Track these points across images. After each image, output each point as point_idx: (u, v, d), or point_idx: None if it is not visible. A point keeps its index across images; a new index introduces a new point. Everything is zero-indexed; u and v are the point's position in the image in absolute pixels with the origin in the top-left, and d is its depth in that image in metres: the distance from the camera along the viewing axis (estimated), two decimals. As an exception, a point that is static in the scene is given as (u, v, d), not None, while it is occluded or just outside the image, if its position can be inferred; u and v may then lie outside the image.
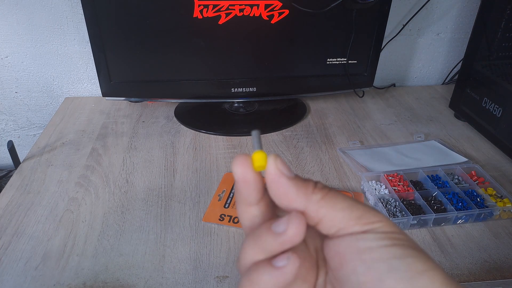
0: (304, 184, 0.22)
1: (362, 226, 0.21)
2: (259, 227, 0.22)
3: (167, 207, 0.61)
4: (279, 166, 0.21)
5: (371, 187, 0.64)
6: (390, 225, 0.21)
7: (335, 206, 0.21)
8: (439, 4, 0.96)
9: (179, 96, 0.83)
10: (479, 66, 0.82)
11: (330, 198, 0.21)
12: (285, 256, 0.20)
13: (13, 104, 0.96)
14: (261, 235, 0.21)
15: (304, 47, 0.78)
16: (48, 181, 0.66)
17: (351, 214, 0.21)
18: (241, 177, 0.21)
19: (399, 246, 0.20)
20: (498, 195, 0.63)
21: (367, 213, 0.21)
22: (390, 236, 0.20)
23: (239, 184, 0.21)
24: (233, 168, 0.21)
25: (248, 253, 0.21)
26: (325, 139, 0.80)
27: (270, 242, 0.21)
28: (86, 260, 0.52)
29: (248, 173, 0.21)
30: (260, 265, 0.21)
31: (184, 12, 0.70)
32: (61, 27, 0.88)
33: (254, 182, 0.21)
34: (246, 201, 0.22)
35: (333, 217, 0.21)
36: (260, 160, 0.21)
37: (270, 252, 0.21)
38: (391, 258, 0.20)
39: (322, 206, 0.21)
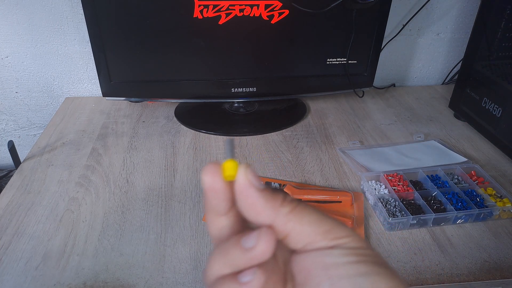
0: (273, 196, 0.21)
1: (329, 241, 0.20)
2: (228, 241, 0.21)
3: (167, 207, 0.61)
4: (249, 176, 0.21)
5: (371, 187, 0.64)
6: (357, 241, 0.21)
7: (303, 219, 0.21)
8: (439, 4, 0.96)
9: (179, 96, 0.83)
10: (479, 66, 0.82)
11: (299, 211, 0.21)
12: (251, 271, 0.20)
13: (14, 104, 0.96)
14: (229, 249, 0.21)
15: (304, 47, 0.78)
16: (49, 181, 0.66)
17: (319, 229, 0.21)
18: (210, 186, 0.21)
19: (364, 262, 0.20)
20: (498, 195, 0.63)
21: (335, 227, 0.21)
22: (357, 252, 0.20)
23: (207, 193, 0.21)
24: (202, 176, 0.21)
25: (215, 267, 0.21)
26: (325, 139, 0.80)
27: (238, 257, 0.20)
28: (87, 260, 0.52)
29: (217, 182, 0.21)
30: (225, 279, 0.20)
31: (184, 12, 0.70)
32: (61, 27, 0.88)
33: (223, 192, 0.21)
34: (215, 211, 0.22)
35: (301, 231, 0.21)
36: (230, 170, 0.21)
37: (237, 267, 0.20)
38: (356, 275, 0.19)
39: (290, 219, 0.21)
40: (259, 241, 0.20)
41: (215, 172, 0.21)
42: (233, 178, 0.21)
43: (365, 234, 0.57)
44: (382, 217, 0.59)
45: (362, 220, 0.59)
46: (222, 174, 0.21)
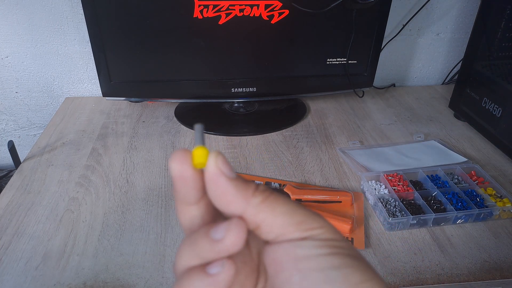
0: (245, 186, 0.20)
1: (301, 233, 0.20)
2: (197, 232, 0.20)
3: (167, 207, 0.61)
4: (219, 164, 0.20)
5: (371, 187, 0.64)
6: (331, 232, 0.20)
7: (275, 210, 0.20)
8: (439, 4, 0.96)
9: (179, 96, 0.83)
10: (479, 66, 0.82)
11: (271, 201, 0.20)
12: (219, 263, 0.19)
13: (14, 104, 0.96)
14: (197, 240, 0.20)
15: (304, 47, 0.78)
16: (49, 181, 0.66)
17: (291, 219, 0.20)
18: (178, 174, 0.20)
19: (337, 255, 0.19)
20: (498, 195, 0.63)
21: (308, 218, 0.20)
22: (329, 244, 0.20)
23: (176, 181, 0.20)
24: (170, 163, 0.20)
25: (183, 258, 0.20)
26: (325, 139, 0.80)
27: (206, 249, 0.19)
28: (87, 260, 0.52)
29: (186, 170, 0.20)
30: (193, 271, 0.20)
31: (184, 12, 0.70)
32: (61, 27, 0.88)
33: (193, 180, 0.20)
34: (184, 200, 0.21)
35: (272, 222, 0.20)
36: (200, 157, 0.20)
37: (205, 259, 0.20)
38: (328, 268, 0.19)
39: (261, 210, 0.20)
40: (228, 233, 0.19)
41: (184, 159, 0.20)
42: (203, 166, 0.20)
43: (365, 234, 0.57)
44: (382, 217, 0.59)
45: (362, 220, 0.59)
46: (192, 161, 0.20)
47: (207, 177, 0.20)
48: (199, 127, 0.21)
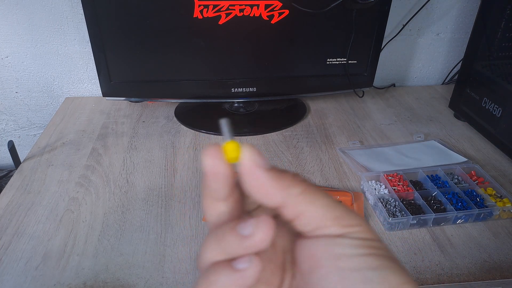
0: (282, 176, 0.20)
1: (340, 228, 0.20)
2: (223, 226, 0.20)
3: (167, 207, 0.61)
4: (254, 156, 0.19)
5: (371, 187, 0.64)
6: (368, 231, 0.20)
7: (315, 202, 0.20)
8: (439, 4, 0.96)
9: (179, 96, 0.83)
10: (479, 66, 0.82)
11: (310, 193, 0.20)
12: (247, 258, 0.19)
13: (14, 104, 0.96)
14: (224, 235, 0.20)
15: (304, 47, 0.78)
16: (49, 181, 0.66)
17: (331, 213, 0.20)
18: (211, 169, 0.19)
19: (376, 256, 0.19)
20: (498, 195, 0.63)
21: (346, 214, 0.20)
22: (367, 244, 0.19)
23: (209, 177, 0.20)
24: (203, 159, 0.19)
25: (209, 252, 0.20)
26: (325, 139, 0.80)
27: (234, 244, 0.19)
28: (87, 260, 0.52)
29: (219, 165, 0.19)
30: (219, 266, 0.19)
31: (184, 12, 0.70)
32: (61, 27, 0.88)
33: (225, 176, 0.20)
34: (214, 196, 0.21)
35: (312, 214, 0.20)
36: (233, 151, 0.19)
37: (232, 254, 0.19)
38: (367, 268, 0.19)
39: (301, 201, 0.20)
40: (257, 229, 0.19)
41: (217, 154, 0.19)
42: (236, 160, 0.19)
43: (365, 234, 0.57)
44: (382, 217, 0.59)
45: (362, 220, 0.59)
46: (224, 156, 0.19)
47: (243, 171, 0.19)
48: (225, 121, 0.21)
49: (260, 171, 0.19)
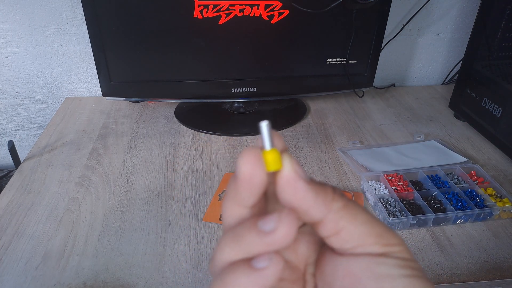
0: (323, 189, 0.19)
1: (381, 247, 0.18)
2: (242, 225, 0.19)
3: (167, 207, 0.61)
4: (295, 167, 0.18)
5: (371, 187, 0.64)
6: (408, 252, 0.19)
7: (357, 218, 0.19)
8: (439, 4, 0.96)
9: (179, 96, 0.83)
10: (479, 66, 0.82)
11: (351, 208, 0.19)
12: (267, 256, 0.18)
13: (14, 104, 0.96)
14: (243, 232, 0.18)
15: (304, 47, 0.78)
16: (49, 181, 0.66)
17: (372, 230, 0.19)
18: (248, 177, 0.18)
19: (418, 277, 0.18)
20: (498, 195, 0.63)
21: (387, 232, 0.19)
22: (409, 265, 0.19)
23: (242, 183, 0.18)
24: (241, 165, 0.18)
25: (226, 252, 0.19)
26: (325, 139, 0.80)
27: (254, 241, 0.18)
28: (87, 260, 0.52)
29: (259, 174, 0.18)
30: (237, 265, 0.18)
31: (184, 12, 0.70)
32: (61, 27, 0.88)
33: (261, 186, 0.18)
34: (240, 202, 0.19)
35: (353, 231, 0.18)
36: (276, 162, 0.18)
37: (250, 253, 0.18)
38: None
39: (343, 216, 0.18)
40: (280, 224, 0.17)
41: (258, 162, 0.18)
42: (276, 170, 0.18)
43: (365, 234, 0.57)
44: (382, 217, 0.59)
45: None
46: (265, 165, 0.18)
47: (284, 181, 0.18)
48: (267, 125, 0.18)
49: (302, 184, 0.18)
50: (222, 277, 0.18)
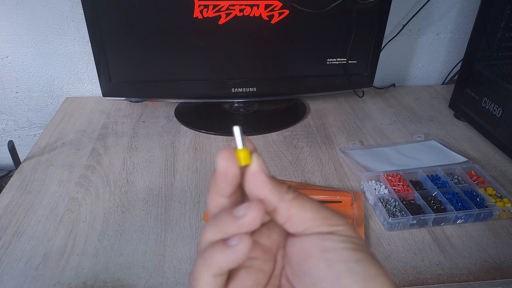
0: (279, 184, 0.23)
1: (327, 227, 0.23)
2: (221, 211, 0.23)
3: (167, 207, 0.61)
4: (260, 163, 0.23)
5: (371, 187, 0.64)
6: (351, 230, 0.23)
7: (305, 206, 0.23)
8: (439, 4, 0.96)
9: (179, 96, 0.83)
10: (479, 66, 0.82)
11: (301, 199, 0.23)
12: (238, 236, 0.22)
13: (14, 104, 0.96)
14: (222, 217, 0.22)
15: (304, 47, 0.78)
16: (49, 181, 0.66)
17: (319, 215, 0.23)
18: (223, 170, 0.22)
19: (358, 250, 0.22)
20: (498, 195, 0.63)
21: (332, 216, 0.23)
22: (351, 240, 0.22)
23: (219, 176, 0.23)
24: (218, 160, 0.22)
25: (207, 234, 0.23)
26: (325, 139, 0.80)
27: (229, 225, 0.22)
28: (87, 260, 0.52)
29: (232, 167, 0.22)
30: (216, 243, 0.22)
31: (184, 12, 0.70)
32: (61, 27, 0.88)
33: (234, 177, 0.23)
34: (220, 192, 0.23)
35: (302, 216, 0.23)
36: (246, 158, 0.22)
37: (227, 234, 0.22)
38: (351, 260, 0.22)
39: (293, 205, 0.23)
40: (249, 210, 0.21)
41: (231, 157, 0.22)
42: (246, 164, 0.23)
43: (365, 234, 0.57)
44: (382, 217, 0.59)
45: (362, 220, 0.59)
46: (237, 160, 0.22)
47: (250, 173, 0.23)
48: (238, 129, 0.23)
49: (263, 176, 0.23)
50: (204, 253, 0.22)
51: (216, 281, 0.22)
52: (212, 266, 0.22)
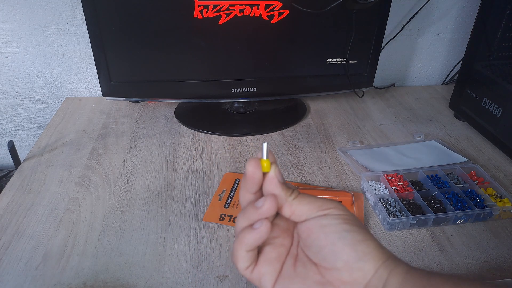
0: (287, 188, 0.32)
1: (322, 211, 0.31)
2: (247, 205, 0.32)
3: (167, 207, 0.61)
4: (276, 172, 0.31)
5: (371, 187, 0.64)
6: (342, 209, 0.31)
7: (303, 202, 0.31)
8: (439, 4, 0.96)
9: (179, 96, 0.83)
10: (479, 66, 0.82)
11: (300, 197, 0.32)
12: (260, 221, 0.31)
13: (14, 104, 0.96)
14: (248, 209, 0.31)
15: (304, 47, 0.78)
16: (49, 181, 0.66)
17: (314, 205, 0.31)
18: (251, 174, 0.31)
19: (347, 223, 0.30)
20: (498, 195, 0.63)
21: (325, 203, 0.31)
22: (342, 217, 0.31)
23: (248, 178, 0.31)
24: (248, 166, 0.31)
25: (239, 222, 0.32)
26: (325, 139, 0.80)
27: (253, 213, 0.31)
28: (87, 260, 0.52)
29: (257, 173, 0.31)
30: (245, 228, 0.31)
31: (184, 12, 0.70)
32: (61, 27, 0.88)
33: (259, 179, 0.31)
34: (248, 190, 0.32)
35: (301, 210, 0.31)
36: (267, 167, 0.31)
37: (252, 221, 0.31)
38: (342, 230, 0.30)
39: (294, 203, 0.31)
40: (265, 202, 0.30)
41: (256, 165, 0.31)
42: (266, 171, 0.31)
43: (365, 234, 0.57)
44: (382, 217, 0.59)
45: (362, 220, 0.59)
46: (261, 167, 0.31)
47: (267, 179, 0.31)
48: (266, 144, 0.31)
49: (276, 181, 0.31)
50: (238, 236, 0.31)
51: (249, 255, 0.31)
52: (244, 244, 0.31)
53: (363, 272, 0.29)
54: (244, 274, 0.32)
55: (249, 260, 0.31)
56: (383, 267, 0.29)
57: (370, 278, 0.29)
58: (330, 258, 0.30)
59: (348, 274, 0.29)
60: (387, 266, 0.29)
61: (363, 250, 0.29)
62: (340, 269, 0.29)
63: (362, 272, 0.29)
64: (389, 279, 0.29)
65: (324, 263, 0.30)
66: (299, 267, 0.32)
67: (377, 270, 0.29)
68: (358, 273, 0.29)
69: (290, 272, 0.32)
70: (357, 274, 0.29)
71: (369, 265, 0.29)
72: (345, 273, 0.29)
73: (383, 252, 0.30)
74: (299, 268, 0.32)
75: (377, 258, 0.29)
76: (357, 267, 0.29)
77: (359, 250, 0.29)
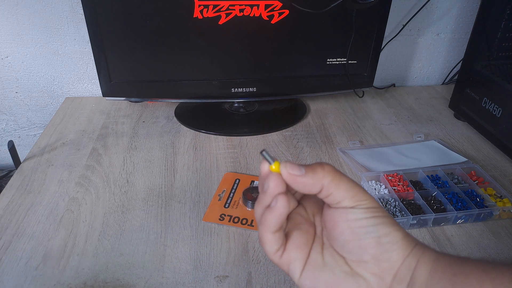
0: (315, 171, 0.30)
1: (353, 202, 0.30)
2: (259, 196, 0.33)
3: (167, 207, 0.61)
4: (289, 170, 0.30)
5: (371, 187, 0.64)
6: (372, 202, 0.30)
7: (340, 186, 0.30)
8: (439, 4, 0.96)
9: (179, 96, 0.83)
10: (479, 66, 0.82)
11: (337, 180, 0.30)
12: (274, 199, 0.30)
13: (14, 104, 0.96)
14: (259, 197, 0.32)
15: (304, 47, 0.78)
16: (49, 181, 0.66)
17: (349, 193, 0.30)
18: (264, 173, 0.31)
19: (375, 217, 0.29)
20: (498, 195, 0.63)
21: (359, 193, 0.30)
22: (371, 210, 0.30)
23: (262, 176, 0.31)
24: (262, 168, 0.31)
25: (257, 210, 0.32)
26: (325, 139, 0.80)
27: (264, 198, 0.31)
28: (87, 260, 0.52)
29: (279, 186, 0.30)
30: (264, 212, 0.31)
31: (184, 12, 0.70)
32: (61, 27, 0.88)
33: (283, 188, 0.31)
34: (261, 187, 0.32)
35: (337, 194, 0.30)
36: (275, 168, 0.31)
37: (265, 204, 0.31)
38: (368, 225, 0.29)
39: (331, 187, 0.30)
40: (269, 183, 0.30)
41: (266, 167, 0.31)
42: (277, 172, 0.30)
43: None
44: (382, 217, 0.59)
45: (362, 220, 0.59)
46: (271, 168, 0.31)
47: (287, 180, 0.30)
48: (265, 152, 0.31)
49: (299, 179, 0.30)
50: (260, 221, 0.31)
51: (276, 237, 0.31)
52: (267, 226, 0.30)
53: (390, 262, 0.29)
54: (273, 259, 0.32)
55: (277, 242, 0.31)
56: (410, 256, 0.29)
57: (398, 267, 0.29)
58: (356, 252, 0.30)
59: (375, 265, 0.30)
60: (415, 255, 0.29)
61: (389, 242, 0.29)
62: (367, 261, 0.30)
63: (389, 262, 0.29)
64: (418, 268, 0.29)
65: (351, 256, 0.31)
66: (327, 256, 0.32)
67: (404, 260, 0.29)
68: (385, 263, 0.29)
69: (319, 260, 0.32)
70: (384, 264, 0.29)
71: (396, 255, 0.29)
72: (373, 265, 0.30)
73: (409, 241, 0.30)
74: (327, 258, 0.32)
75: (403, 247, 0.29)
76: (384, 258, 0.29)
77: (385, 243, 0.29)
